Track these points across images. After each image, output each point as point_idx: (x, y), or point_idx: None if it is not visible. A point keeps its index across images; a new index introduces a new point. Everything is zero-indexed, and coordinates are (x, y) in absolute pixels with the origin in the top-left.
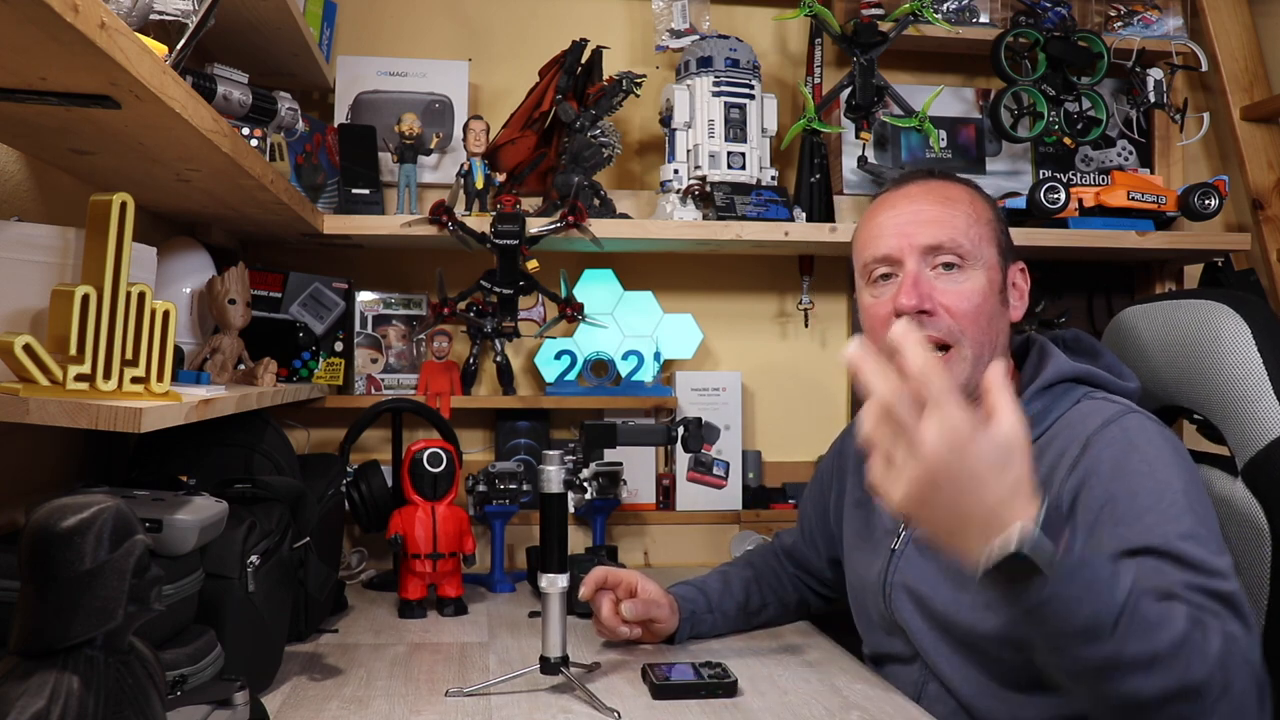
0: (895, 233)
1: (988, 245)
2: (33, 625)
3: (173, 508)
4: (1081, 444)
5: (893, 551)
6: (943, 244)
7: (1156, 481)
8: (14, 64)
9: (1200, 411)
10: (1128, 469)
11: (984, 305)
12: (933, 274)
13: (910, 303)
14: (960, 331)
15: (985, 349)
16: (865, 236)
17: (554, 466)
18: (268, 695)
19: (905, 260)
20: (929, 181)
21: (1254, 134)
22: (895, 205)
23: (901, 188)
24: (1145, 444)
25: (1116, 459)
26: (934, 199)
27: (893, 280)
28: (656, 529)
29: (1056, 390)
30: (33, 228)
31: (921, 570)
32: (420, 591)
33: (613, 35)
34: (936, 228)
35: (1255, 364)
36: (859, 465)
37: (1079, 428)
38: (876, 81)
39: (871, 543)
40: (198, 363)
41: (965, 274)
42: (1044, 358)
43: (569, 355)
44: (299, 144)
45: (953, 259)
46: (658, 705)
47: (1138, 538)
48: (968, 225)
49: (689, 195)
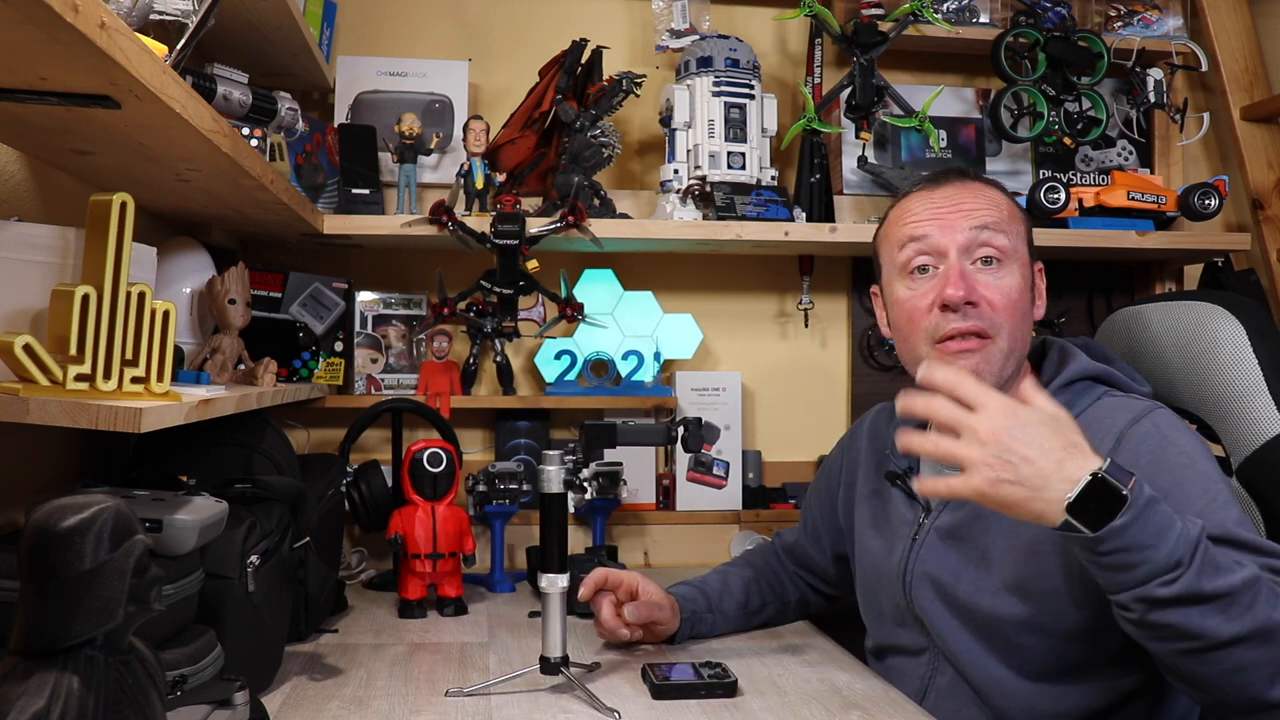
0: (936, 221)
1: (1022, 243)
2: (33, 625)
3: (173, 508)
4: (1115, 437)
5: (913, 541)
6: (987, 225)
7: (1198, 472)
8: (14, 64)
9: (1196, 412)
10: (1168, 462)
11: (1020, 301)
12: (973, 268)
13: (959, 294)
14: (999, 325)
15: (1018, 344)
16: (899, 224)
17: (554, 466)
18: (268, 695)
19: (948, 250)
20: (965, 180)
21: (1254, 134)
22: (933, 197)
23: (938, 183)
24: (1179, 438)
25: (1155, 453)
26: (972, 193)
27: (930, 274)
28: (656, 529)
29: (1077, 388)
30: (33, 228)
31: (943, 558)
32: (420, 591)
33: (613, 35)
34: (981, 215)
35: (1251, 365)
36: (871, 458)
37: (1106, 423)
38: (876, 81)
39: (889, 534)
40: (198, 363)
41: (1004, 269)
42: (1065, 357)
43: (569, 355)
44: (299, 144)
45: (992, 253)
46: (658, 705)
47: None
48: (1008, 220)
49: (689, 195)
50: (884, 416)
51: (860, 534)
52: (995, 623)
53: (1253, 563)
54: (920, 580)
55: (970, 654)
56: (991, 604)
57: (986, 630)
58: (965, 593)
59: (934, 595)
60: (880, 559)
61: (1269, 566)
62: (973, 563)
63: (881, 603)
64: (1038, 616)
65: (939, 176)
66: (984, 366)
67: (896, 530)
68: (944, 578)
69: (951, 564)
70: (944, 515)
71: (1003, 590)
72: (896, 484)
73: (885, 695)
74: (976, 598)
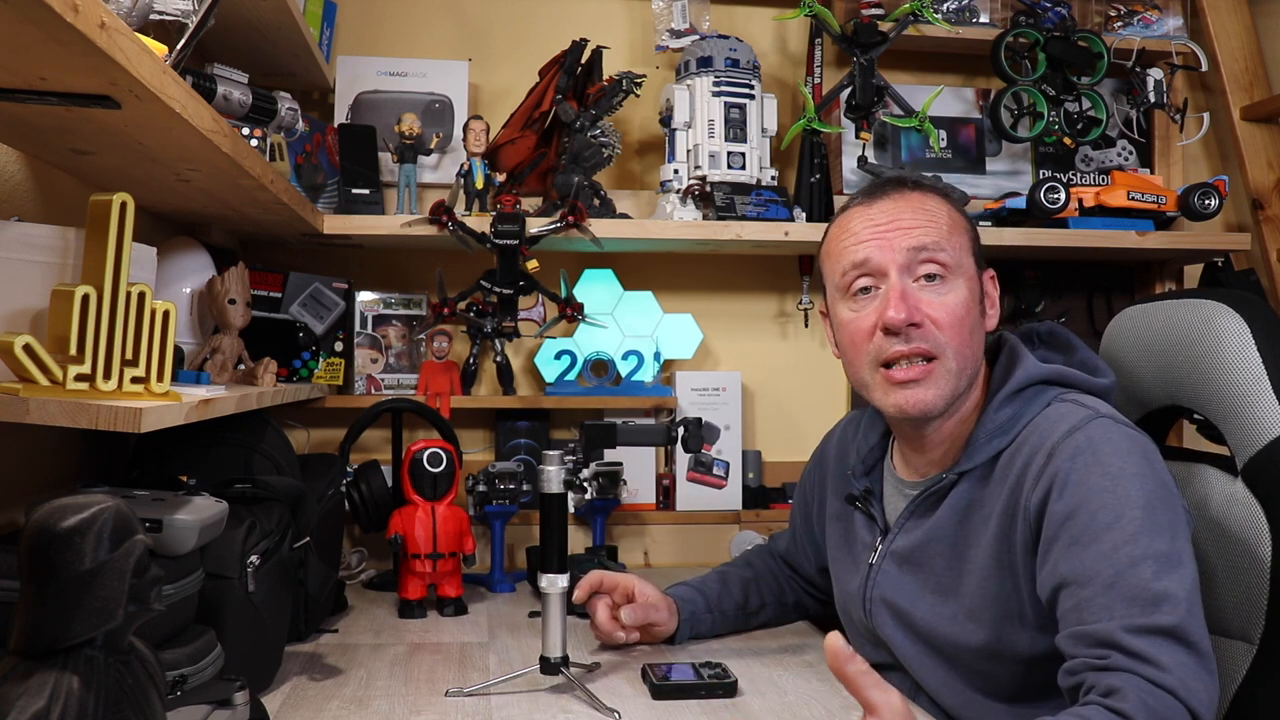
0: (875, 240)
1: (966, 255)
2: (33, 625)
3: (173, 508)
4: (1047, 453)
5: (870, 566)
6: (926, 245)
7: (1117, 498)
8: (14, 64)
9: (1200, 411)
10: (1088, 484)
11: (966, 318)
12: (916, 286)
13: (900, 316)
14: (945, 343)
15: (967, 361)
16: (839, 245)
17: (554, 466)
18: (268, 695)
19: (889, 271)
20: (903, 191)
21: (1254, 134)
22: (870, 214)
23: (874, 196)
24: (1110, 454)
25: (1079, 474)
26: (912, 208)
27: (873, 294)
28: (656, 529)
29: (1026, 394)
30: (33, 228)
31: (899, 584)
32: (420, 591)
33: (613, 35)
34: (919, 232)
35: (1255, 364)
36: (836, 476)
37: (1046, 434)
38: (876, 81)
39: (851, 556)
40: (198, 363)
41: (948, 285)
42: (1013, 361)
43: (569, 355)
44: (299, 144)
45: (935, 269)
46: (658, 705)
47: (1090, 565)
48: (948, 234)
49: (689, 195)
50: (851, 429)
51: (831, 554)
52: (955, 649)
53: (1122, 626)
54: (879, 605)
55: (936, 678)
56: (949, 631)
57: (948, 655)
58: (923, 619)
59: (893, 621)
60: (846, 581)
61: (1143, 628)
62: (929, 589)
63: (854, 623)
64: (996, 643)
65: (876, 189)
66: (931, 393)
67: (858, 554)
68: (901, 604)
69: (908, 590)
70: (899, 539)
71: (960, 617)
72: (856, 506)
73: None
74: (934, 624)
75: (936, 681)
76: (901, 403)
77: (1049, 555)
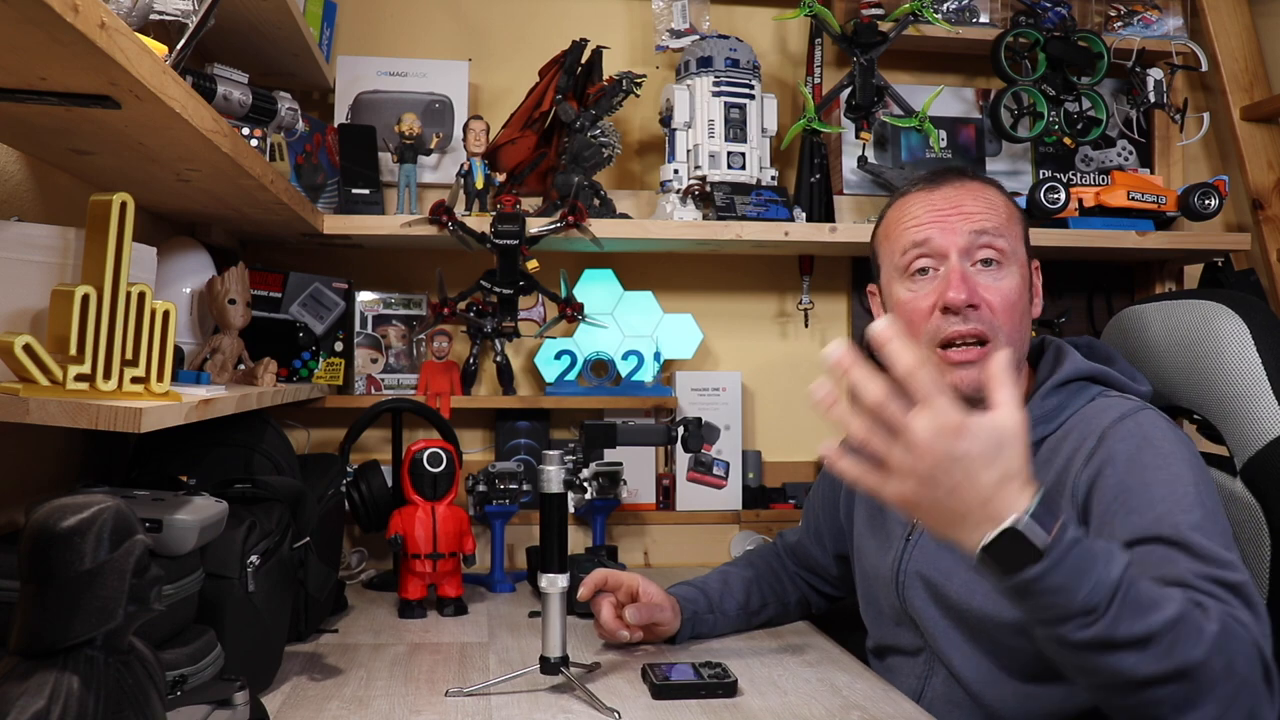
0: (937, 223)
1: (1020, 244)
2: (33, 625)
3: (173, 508)
4: (1097, 436)
5: (907, 541)
6: (987, 229)
7: (1170, 474)
8: (14, 64)
9: (1200, 411)
10: (1142, 461)
11: (1019, 303)
12: (974, 270)
13: (961, 296)
14: (999, 327)
15: (1016, 345)
16: (900, 227)
17: (554, 466)
18: (268, 695)
19: (949, 253)
20: (964, 179)
21: (1254, 134)
22: (932, 199)
23: (936, 183)
24: (1160, 438)
25: (1131, 452)
26: (973, 195)
27: (931, 275)
28: (656, 529)
29: (1071, 388)
30: (33, 228)
31: (936, 559)
32: (420, 591)
33: (613, 35)
34: (980, 218)
35: (1254, 364)
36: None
37: (1094, 422)
38: (876, 81)
39: (884, 533)
40: (198, 363)
41: (1004, 270)
42: (1060, 357)
43: (569, 355)
44: (299, 144)
45: (993, 255)
46: (658, 705)
47: (1150, 526)
48: (1006, 222)
49: (689, 195)
50: None
51: (859, 534)
52: (986, 624)
53: (1193, 573)
54: (913, 580)
55: (962, 655)
56: (982, 605)
57: (978, 631)
58: (956, 593)
59: (926, 596)
60: (876, 559)
61: (1211, 576)
62: (964, 563)
63: (880, 603)
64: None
65: (937, 176)
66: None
67: (891, 530)
68: (935, 578)
69: (943, 564)
70: None
71: (993, 592)
72: None
73: (885, 695)
74: (968, 599)
75: (963, 659)
76: (957, 382)
77: (1106, 526)
